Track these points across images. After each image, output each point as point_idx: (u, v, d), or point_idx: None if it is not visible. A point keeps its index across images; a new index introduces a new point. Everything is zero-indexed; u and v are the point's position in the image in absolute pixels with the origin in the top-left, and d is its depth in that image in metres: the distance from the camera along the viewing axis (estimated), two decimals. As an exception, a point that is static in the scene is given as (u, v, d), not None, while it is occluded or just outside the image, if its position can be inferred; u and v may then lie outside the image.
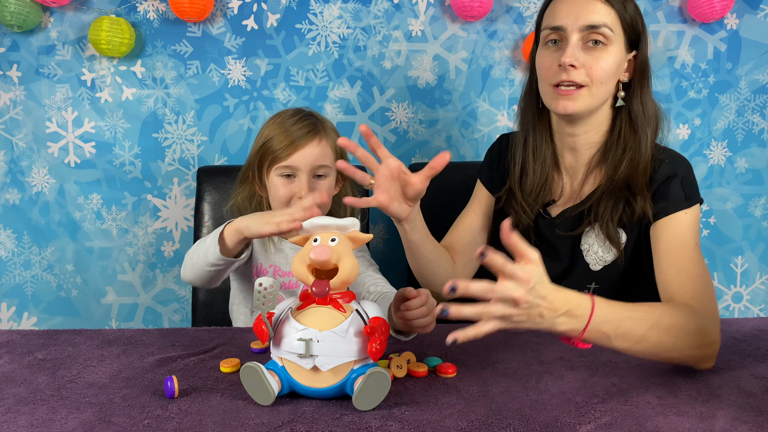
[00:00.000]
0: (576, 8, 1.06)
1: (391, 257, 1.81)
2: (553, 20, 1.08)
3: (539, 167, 1.18)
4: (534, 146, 1.19)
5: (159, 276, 1.80)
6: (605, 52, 1.06)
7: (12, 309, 1.79)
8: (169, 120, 1.75)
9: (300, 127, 1.21)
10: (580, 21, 1.05)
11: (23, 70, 1.71)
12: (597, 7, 1.06)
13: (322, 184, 1.23)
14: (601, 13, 1.06)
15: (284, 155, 1.19)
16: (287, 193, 1.20)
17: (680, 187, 1.07)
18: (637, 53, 1.11)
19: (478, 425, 0.72)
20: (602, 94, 1.08)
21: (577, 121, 1.12)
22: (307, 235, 0.81)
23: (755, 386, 0.84)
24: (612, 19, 1.06)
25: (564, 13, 1.07)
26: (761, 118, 1.84)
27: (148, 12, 1.71)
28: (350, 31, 1.75)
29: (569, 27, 1.06)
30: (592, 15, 1.05)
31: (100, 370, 0.89)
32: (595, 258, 1.14)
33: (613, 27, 1.06)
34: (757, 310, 1.92)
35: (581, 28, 1.05)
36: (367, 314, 0.79)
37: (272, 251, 1.28)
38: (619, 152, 1.11)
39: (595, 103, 1.09)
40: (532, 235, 1.18)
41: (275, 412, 0.75)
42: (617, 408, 0.77)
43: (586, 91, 1.07)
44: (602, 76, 1.06)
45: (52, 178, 1.75)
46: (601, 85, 1.07)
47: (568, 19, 1.06)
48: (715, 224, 1.88)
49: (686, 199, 1.06)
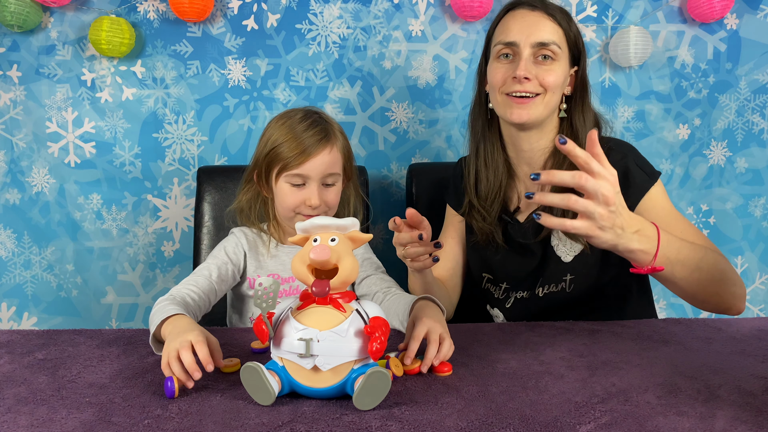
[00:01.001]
0: (527, 26, 1.15)
1: (391, 257, 1.80)
2: (506, 36, 1.16)
3: (492, 174, 1.25)
4: (485, 155, 1.26)
5: (159, 276, 1.80)
6: (554, 65, 1.15)
7: (12, 309, 1.79)
8: (169, 120, 1.75)
9: (311, 134, 1.18)
10: (531, 38, 1.14)
11: (23, 70, 1.71)
12: (547, 26, 1.15)
13: (332, 190, 1.22)
14: (550, 31, 1.15)
15: (295, 164, 1.17)
16: (296, 200, 1.19)
17: (638, 168, 1.16)
18: (578, 69, 1.21)
19: (478, 425, 0.72)
20: (552, 103, 1.17)
21: (528, 129, 1.19)
22: (307, 235, 0.81)
23: (755, 386, 0.84)
24: (559, 37, 1.16)
25: (516, 30, 1.15)
26: (761, 118, 1.84)
27: (148, 12, 1.71)
28: (350, 31, 1.75)
29: (522, 43, 1.14)
30: (543, 33, 1.14)
31: (100, 370, 0.89)
32: (565, 250, 1.20)
33: (560, 44, 1.16)
34: (757, 310, 1.92)
35: (533, 45, 1.14)
36: (367, 314, 0.79)
37: (267, 259, 1.27)
38: (563, 156, 1.16)
39: (546, 112, 1.17)
40: (499, 241, 1.25)
41: (275, 412, 0.75)
42: (617, 408, 0.77)
43: (540, 99, 1.15)
44: (553, 86, 1.15)
45: (52, 178, 1.75)
46: (552, 95, 1.16)
47: (521, 36, 1.15)
48: (715, 224, 1.88)
49: (649, 176, 1.16)
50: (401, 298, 1.09)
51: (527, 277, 1.25)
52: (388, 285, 1.18)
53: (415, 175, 1.65)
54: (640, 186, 1.15)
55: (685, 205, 1.87)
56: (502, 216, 1.27)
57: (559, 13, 1.17)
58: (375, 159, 1.80)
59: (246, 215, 1.29)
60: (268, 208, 1.28)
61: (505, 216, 1.26)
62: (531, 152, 1.22)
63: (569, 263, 1.20)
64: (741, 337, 1.05)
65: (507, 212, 1.27)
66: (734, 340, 1.03)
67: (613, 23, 1.79)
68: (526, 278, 1.25)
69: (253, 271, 1.26)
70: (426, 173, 1.65)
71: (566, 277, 1.21)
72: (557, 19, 1.16)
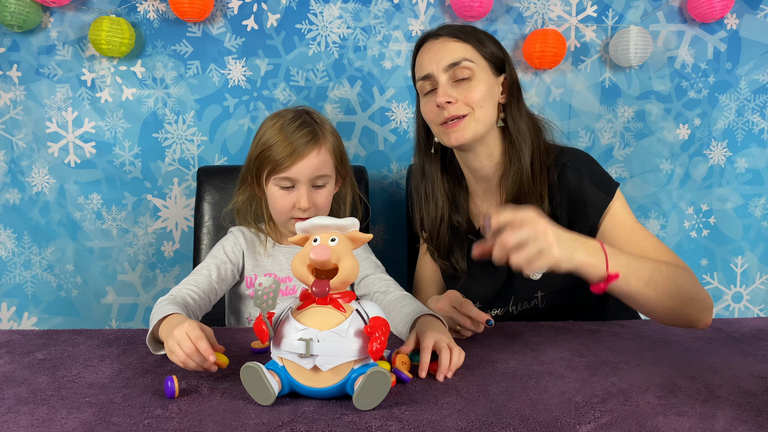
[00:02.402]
0: (435, 54, 1.16)
1: (391, 257, 1.81)
2: (421, 71, 1.18)
3: (433, 210, 1.27)
4: (425, 190, 1.28)
5: (159, 276, 1.80)
6: (473, 81, 1.15)
7: (12, 309, 1.79)
8: (169, 120, 1.75)
9: (300, 135, 1.18)
10: (442, 63, 1.15)
11: (23, 70, 1.71)
12: (453, 47, 1.16)
13: (322, 192, 1.21)
14: (457, 50, 1.15)
15: (284, 166, 1.17)
16: (287, 204, 1.19)
17: (594, 187, 1.15)
18: (505, 75, 1.20)
19: (478, 425, 0.72)
20: (485, 117, 1.16)
21: (473, 149, 1.20)
22: (307, 235, 0.81)
23: (755, 386, 0.84)
24: (470, 53, 1.16)
25: (427, 61, 1.17)
26: (761, 118, 1.84)
27: (148, 12, 1.71)
28: (350, 31, 1.75)
29: (435, 71, 1.16)
30: (450, 54, 1.15)
31: (100, 370, 0.89)
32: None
33: (472, 58, 1.16)
34: (757, 310, 1.92)
35: (445, 69, 1.15)
36: (367, 314, 0.79)
37: (264, 259, 1.27)
38: (509, 169, 1.19)
39: (481, 128, 1.16)
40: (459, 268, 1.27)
41: (275, 412, 0.75)
42: (617, 408, 0.77)
43: (470, 118, 1.15)
44: (478, 101, 1.14)
45: (52, 178, 1.75)
46: (481, 109, 1.15)
47: (432, 65, 1.16)
48: (715, 224, 1.88)
49: (606, 193, 1.14)
50: (400, 303, 1.08)
51: (498, 296, 1.25)
52: (387, 284, 1.17)
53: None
54: (597, 206, 1.14)
55: (685, 205, 1.87)
56: (468, 236, 1.27)
57: (462, 31, 1.17)
58: (375, 159, 1.80)
59: (243, 216, 1.30)
60: (263, 211, 1.28)
61: (470, 236, 1.26)
62: (484, 169, 1.22)
63: (538, 280, 1.19)
64: (741, 337, 1.05)
65: (473, 231, 1.27)
66: (734, 340, 1.03)
67: (613, 23, 1.79)
68: (497, 297, 1.25)
69: (251, 271, 1.26)
70: (426, 173, 1.65)
71: (537, 294, 1.21)
72: (462, 37, 1.16)
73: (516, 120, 1.19)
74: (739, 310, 1.91)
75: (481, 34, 1.19)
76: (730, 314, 1.91)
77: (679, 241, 1.88)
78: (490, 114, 1.17)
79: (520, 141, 1.18)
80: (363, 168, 1.65)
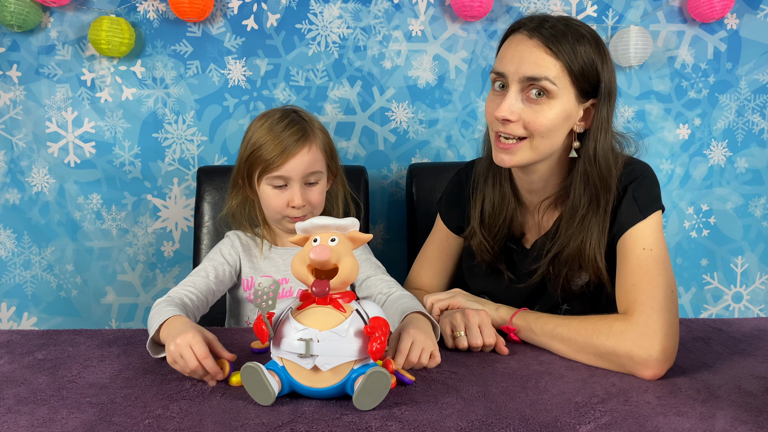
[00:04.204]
0: (519, 56, 0.99)
1: (391, 257, 1.81)
2: (499, 65, 1.02)
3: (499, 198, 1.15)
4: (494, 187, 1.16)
5: (159, 276, 1.80)
6: (547, 105, 0.98)
7: (12, 309, 1.79)
8: (169, 120, 1.75)
9: (289, 134, 1.18)
10: (521, 71, 0.98)
11: (23, 70, 1.71)
12: (540, 58, 0.97)
13: (315, 189, 1.21)
14: (544, 65, 0.97)
15: (275, 165, 1.17)
16: (280, 203, 1.19)
17: (632, 200, 1.03)
18: (596, 101, 1.02)
19: (478, 425, 0.72)
20: (545, 147, 1.02)
21: (526, 170, 1.08)
22: (307, 235, 0.81)
23: (755, 386, 0.84)
24: (557, 71, 0.97)
25: (508, 59, 1.00)
26: (761, 118, 1.84)
27: (148, 12, 1.71)
28: (350, 31, 1.75)
29: (510, 75, 0.99)
30: (534, 67, 0.97)
31: (100, 370, 0.89)
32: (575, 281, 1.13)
33: (556, 80, 0.97)
34: (757, 310, 1.92)
35: (521, 79, 0.98)
36: (367, 314, 0.79)
37: (260, 261, 1.27)
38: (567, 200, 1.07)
39: (536, 156, 1.02)
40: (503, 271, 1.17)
41: (275, 412, 0.75)
42: (617, 408, 0.77)
43: (527, 143, 1.01)
44: (542, 131, 0.99)
45: (52, 178, 1.75)
46: (543, 139, 1.00)
47: (511, 67, 0.99)
48: (715, 224, 1.88)
49: (641, 211, 1.01)
50: (398, 302, 1.07)
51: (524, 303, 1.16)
52: (389, 285, 1.17)
53: (415, 175, 1.65)
54: (623, 222, 1.02)
55: (685, 205, 1.87)
56: (507, 243, 1.18)
57: (560, 39, 0.98)
58: (375, 159, 1.80)
59: (238, 221, 1.30)
60: (257, 212, 1.28)
61: (510, 243, 1.18)
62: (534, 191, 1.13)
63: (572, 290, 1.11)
64: (741, 337, 1.05)
65: (513, 239, 1.18)
66: (734, 340, 1.03)
67: (613, 23, 1.79)
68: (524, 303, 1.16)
69: (248, 273, 1.26)
70: (426, 173, 1.65)
71: (562, 306, 1.15)
72: (555, 50, 0.97)
73: (592, 154, 1.02)
74: (739, 310, 1.92)
75: (580, 50, 0.98)
76: (730, 314, 1.91)
77: (679, 241, 1.88)
78: (552, 144, 1.02)
79: (593, 176, 1.03)
80: (363, 168, 1.65)
